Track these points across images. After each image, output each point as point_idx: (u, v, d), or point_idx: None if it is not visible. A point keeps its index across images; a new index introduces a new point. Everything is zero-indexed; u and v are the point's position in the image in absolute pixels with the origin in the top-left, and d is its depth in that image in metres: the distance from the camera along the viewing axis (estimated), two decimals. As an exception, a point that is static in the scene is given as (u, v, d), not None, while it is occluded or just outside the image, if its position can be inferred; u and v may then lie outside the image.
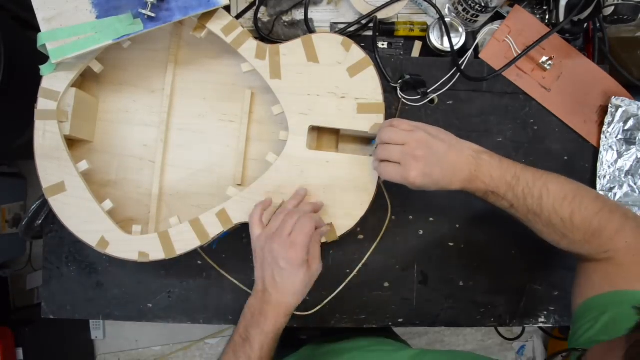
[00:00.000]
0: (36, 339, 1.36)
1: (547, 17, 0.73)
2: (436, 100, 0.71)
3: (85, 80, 0.66)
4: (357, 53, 0.61)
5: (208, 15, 0.60)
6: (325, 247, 0.68)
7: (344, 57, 0.61)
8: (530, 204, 0.54)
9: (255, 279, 0.57)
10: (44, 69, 0.58)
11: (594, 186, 0.71)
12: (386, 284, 0.70)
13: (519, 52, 0.69)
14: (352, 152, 0.65)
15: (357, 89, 0.61)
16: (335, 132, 0.67)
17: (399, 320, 0.70)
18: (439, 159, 0.54)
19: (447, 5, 0.72)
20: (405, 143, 0.55)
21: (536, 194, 0.54)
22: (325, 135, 0.68)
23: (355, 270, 0.70)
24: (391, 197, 0.70)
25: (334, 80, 0.61)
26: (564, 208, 0.53)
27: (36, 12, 0.56)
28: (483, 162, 0.55)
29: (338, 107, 0.61)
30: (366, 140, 0.67)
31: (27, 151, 0.61)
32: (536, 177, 0.54)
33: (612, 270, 0.52)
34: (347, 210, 0.61)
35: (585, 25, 0.71)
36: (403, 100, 0.70)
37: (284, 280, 0.55)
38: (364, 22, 0.72)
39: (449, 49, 0.69)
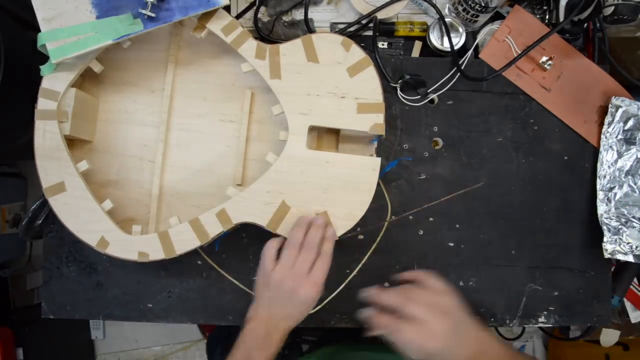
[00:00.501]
0: (36, 339, 1.36)
1: (547, 17, 0.73)
2: (436, 100, 0.71)
3: (85, 80, 0.66)
4: (357, 53, 0.61)
5: (208, 15, 0.60)
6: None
7: (343, 57, 0.61)
8: None
9: (259, 307, 0.57)
10: (44, 69, 0.58)
11: (593, 186, 0.71)
12: (386, 284, 0.70)
13: (519, 52, 0.69)
14: (352, 152, 0.65)
15: (357, 88, 0.61)
16: (335, 132, 0.68)
17: (399, 320, 0.70)
18: (459, 329, 0.52)
19: (447, 5, 0.72)
20: (432, 305, 0.52)
21: None
22: (325, 135, 0.68)
23: (356, 270, 0.70)
24: (391, 197, 0.70)
25: (334, 80, 0.61)
26: None
27: (36, 12, 0.56)
28: (488, 351, 0.53)
29: (338, 107, 0.61)
30: (366, 140, 0.67)
31: (27, 151, 0.61)
32: None
33: None
34: (347, 210, 0.61)
35: (585, 25, 0.71)
36: (403, 100, 0.70)
37: (296, 312, 0.56)
38: (364, 22, 0.72)
39: (449, 49, 0.69)
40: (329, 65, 0.61)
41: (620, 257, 0.69)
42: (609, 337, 0.99)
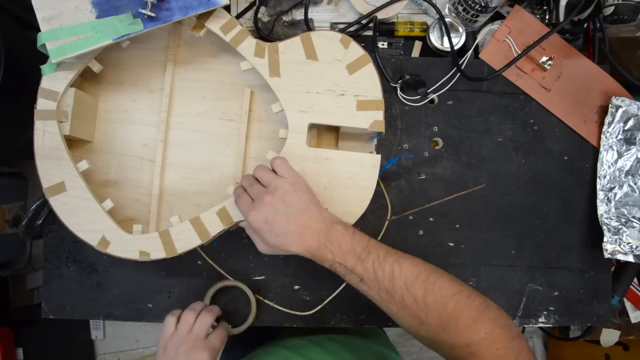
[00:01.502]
0: (36, 339, 1.36)
1: (547, 17, 0.73)
2: (436, 100, 0.71)
3: (84, 80, 0.66)
4: (355, 50, 0.61)
5: (207, 14, 0.60)
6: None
7: (342, 55, 0.61)
8: (381, 279, 0.50)
9: None
10: (45, 68, 0.58)
11: (594, 186, 0.71)
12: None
13: (519, 52, 0.69)
14: (351, 150, 0.66)
15: (356, 86, 0.61)
16: (335, 130, 0.68)
17: (399, 320, 0.70)
18: (290, 214, 0.52)
19: (447, 5, 0.72)
20: (268, 185, 0.54)
21: (387, 269, 0.50)
22: (324, 133, 0.68)
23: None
24: (391, 197, 0.70)
25: (333, 78, 0.61)
26: (417, 286, 0.49)
27: (36, 11, 0.56)
28: (334, 232, 0.52)
29: (337, 104, 0.61)
30: (366, 137, 0.67)
31: (27, 151, 0.61)
32: (389, 253, 0.51)
33: None
34: (346, 208, 0.61)
35: (585, 25, 0.71)
36: (403, 100, 0.70)
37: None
38: (364, 22, 0.72)
39: (449, 49, 0.69)
40: (328, 63, 0.61)
41: (620, 257, 0.69)
42: (609, 337, 0.99)
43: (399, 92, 0.70)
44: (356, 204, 0.61)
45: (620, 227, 0.69)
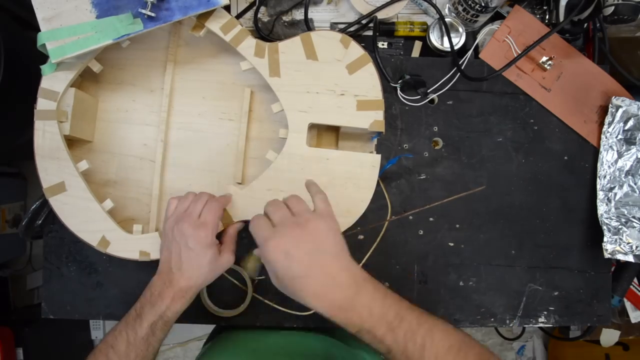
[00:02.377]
0: (36, 339, 1.36)
1: (547, 17, 0.73)
2: (436, 100, 0.71)
3: (84, 80, 0.66)
4: (355, 50, 0.61)
5: (207, 14, 0.60)
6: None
7: (342, 54, 0.61)
8: (411, 353, 0.44)
9: (160, 261, 0.57)
10: (45, 68, 0.58)
11: (594, 186, 0.71)
12: (386, 284, 0.70)
13: (519, 52, 0.69)
14: (352, 149, 0.66)
15: (357, 85, 0.61)
16: (335, 129, 0.68)
17: (399, 320, 0.70)
18: (316, 254, 0.45)
19: (447, 5, 0.72)
20: (298, 215, 0.47)
21: (419, 341, 0.44)
22: (325, 133, 0.68)
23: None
24: (391, 197, 0.70)
25: (333, 78, 0.61)
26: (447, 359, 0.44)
27: (36, 11, 0.56)
28: (365, 292, 0.45)
29: (337, 104, 0.61)
30: (366, 137, 0.67)
31: (27, 151, 0.61)
32: (421, 321, 0.45)
33: None
34: (347, 208, 0.61)
35: (585, 25, 0.71)
36: (403, 100, 0.70)
37: (190, 261, 0.55)
38: (364, 22, 0.72)
39: (449, 49, 0.69)
40: (328, 63, 0.61)
41: (620, 257, 0.69)
42: (609, 337, 0.99)
43: (399, 92, 0.70)
44: (356, 203, 0.61)
45: (620, 227, 0.69)
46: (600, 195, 0.70)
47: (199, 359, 0.65)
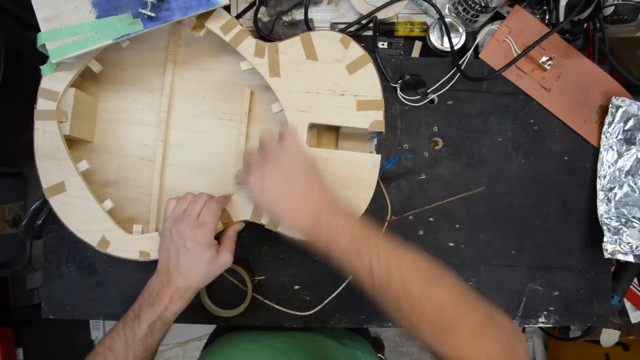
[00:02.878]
0: (36, 339, 1.36)
1: (547, 17, 0.73)
2: (436, 100, 0.71)
3: (84, 80, 0.66)
4: (355, 50, 0.61)
5: (207, 14, 0.60)
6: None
7: (342, 55, 0.61)
8: (377, 275, 0.45)
9: (159, 262, 0.58)
10: (45, 68, 0.58)
11: (594, 186, 0.71)
12: (386, 284, 0.70)
13: (519, 52, 0.69)
14: (351, 149, 0.65)
15: (356, 86, 0.61)
16: (335, 130, 0.67)
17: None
18: (287, 182, 0.51)
19: (447, 5, 0.72)
20: (270, 152, 0.53)
21: (384, 264, 0.45)
22: (325, 133, 0.68)
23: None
24: (391, 197, 0.70)
25: (333, 78, 0.61)
26: (414, 285, 0.44)
27: (36, 12, 0.56)
28: (335, 212, 0.49)
29: (337, 104, 0.61)
30: (366, 137, 0.67)
31: (27, 151, 0.61)
32: (389, 247, 0.47)
33: None
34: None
35: (585, 25, 0.71)
36: (403, 100, 0.70)
37: (188, 262, 0.55)
38: (364, 22, 0.72)
39: (449, 49, 0.69)
40: (328, 63, 0.61)
41: (620, 257, 0.69)
42: (609, 337, 0.99)
43: (399, 92, 0.70)
44: (356, 203, 0.61)
45: (620, 227, 0.69)
46: (601, 195, 0.70)
47: None
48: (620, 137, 0.70)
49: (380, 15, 0.70)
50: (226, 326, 0.76)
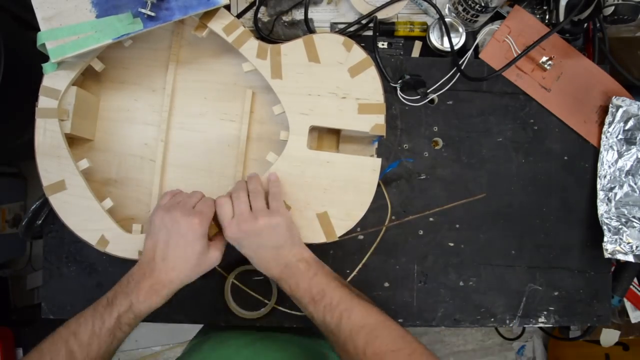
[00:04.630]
0: (36, 339, 1.35)
1: (547, 17, 0.73)
2: (436, 100, 0.71)
3: (86, 78, 0.66)
4: (358, 53, 0.61)
5: (209, 15, 0.60)
6: (325, 247, 0.68)
7: (345, 58, 0.61)
8: (329, 323, 0.52)
9: (143, 252, 0.55)
10: (46, 67, 0.58)
11: (594, 186, 0.71)
12: (386, 284, 0.70)
13: (519, 52, 0.69)
14: (352, 153, 0.65)
15: (358, 89, 0.61)
16: (336, 132, 0.68)
17: (399, 320, 0.70)
18: (261, 246, 0.56)
19: (447, 5, 0.73)
20: (254, 211, 0.55)
21: (336, 315, 0.51)
22: (325, 136, 0.68)
23: (355, 271, 0.70)
24: (391, 197, 0.70)
25: (335, 81, 0.61)
26: (360, 337, 0.49)
27: (36, 11, 0.56)
28: (295, 270, 0.55)
29: (339, 107, 0.61)
30: (367, 140, 0.67)
31: (27, 151, 0.61)
32: (343, 300, 0.52)
33: None
34: (347, 211, 0.61)
35: (585, 25, 0.71)
36: (403, 100, 0.70)
37: (177, 250, 0.53)
38: (364, 22, 0.72)
39: (449, 49, 0.69)
40: (330, 66, 0.61)
41: (620, 257, 0.69)
42: (609, 337, 0.99)
43: (399, 92, 0.70)
44: (356, 206, 0.61)
45: (620, 227, 0.69)
46: (601, 195, 0.70)
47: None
48: (620, 137, 0.70)
49: (380, 15, 0.70)
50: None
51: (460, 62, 0.69)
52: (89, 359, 0.50)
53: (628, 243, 0.69)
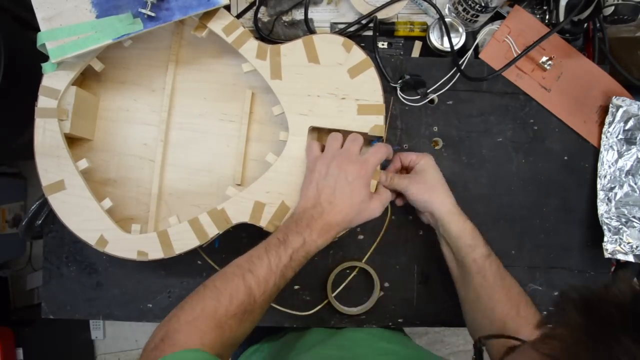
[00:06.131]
0: (36, 339, 1.36)
1: (547, 17, 0.73)
2: (436, 100, 0.71)
3: (86, 78, 0.66)
4: (357, 54, 0.61)
5: (209, 15, 0.60)
6: (325, 247, 0.68)
7: (344, 58, 0.61)
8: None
9: (304, 197, 0.57)
10: (46, 66, 0.58)
11: (594, 186, 0.71)
12: (386, 284, 0.70)
13: (519, 52, 0.69)
14: (352, 152, 0.65)
15: (358, 90, 0.61)
16: (336, 133, 0.67)
17: (399, 320, 0.70)
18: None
19: (447, 5, 0.72)
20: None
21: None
22: (325, 136, 0.67)
23: (355, 271, 0.70)
24: (391, 196, 0.70)
25: (335, 81, 0.61)
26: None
27: (36, 11, 0.56)
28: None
29: (338, 108, 0.61)
30: (366, 141, 0.67)
31: (27, 151, 0.61)
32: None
33: None
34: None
35: (585, 25, 0.71)
36: (403, 100, 0.70)
37: (343, 196, 0.55)
38: (364, 22, 0.72)
39: (449, 49, 0.69)
40: (329, 66, 0.61)
41: (620, 257, 0.69)
42: (609, 337, 0.99)
43: (399, 92, 0.70)
44: None
45: (620, 226, 0.69)
46: (601, 195, 0.70)
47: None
48: (620, 136, 0.70)
49: (380, 15, 0.70)
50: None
51: (460, 62, 0.69)
52: (265, 295, 0.50)
53: (628, 243, 0.69)
